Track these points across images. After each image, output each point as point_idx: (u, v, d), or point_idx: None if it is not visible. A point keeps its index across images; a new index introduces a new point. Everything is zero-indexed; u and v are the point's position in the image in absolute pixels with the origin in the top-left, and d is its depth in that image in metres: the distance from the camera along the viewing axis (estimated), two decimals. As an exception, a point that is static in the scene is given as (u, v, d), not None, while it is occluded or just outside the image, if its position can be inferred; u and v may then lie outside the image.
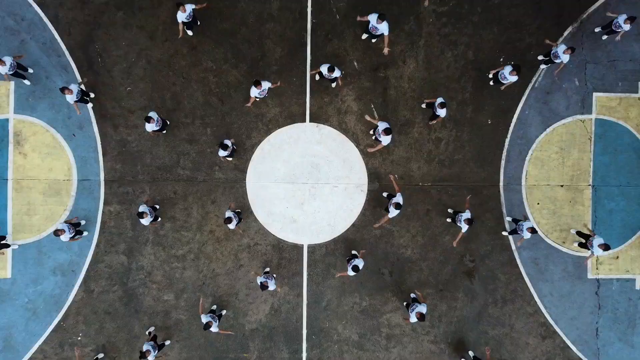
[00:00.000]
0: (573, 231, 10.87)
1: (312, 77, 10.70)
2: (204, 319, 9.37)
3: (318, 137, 10.78)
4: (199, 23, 10.56)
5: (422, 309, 9.42)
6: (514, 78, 9.66)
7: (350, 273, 9.38)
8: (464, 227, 9.62)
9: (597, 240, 9.73)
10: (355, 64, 10.78)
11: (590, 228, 10.85)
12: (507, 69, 9.61)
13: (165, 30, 10.61)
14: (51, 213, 10.59)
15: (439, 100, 9.76)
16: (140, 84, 10.62)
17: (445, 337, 10.89)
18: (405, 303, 10.56)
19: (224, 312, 10.63)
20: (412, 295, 10.52)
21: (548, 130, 10.96)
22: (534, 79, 10.94)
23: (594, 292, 11.00)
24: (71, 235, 9.63)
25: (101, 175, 10.62)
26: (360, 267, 9.32)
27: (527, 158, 10.94)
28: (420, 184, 10.88)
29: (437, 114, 9.93)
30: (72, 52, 10.55)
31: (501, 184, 10.91)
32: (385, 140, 9.33)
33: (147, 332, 10.49)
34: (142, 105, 10.65)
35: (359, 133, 10.83)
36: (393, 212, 9.36)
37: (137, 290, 10.66)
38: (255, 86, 9.29)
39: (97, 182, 10.61)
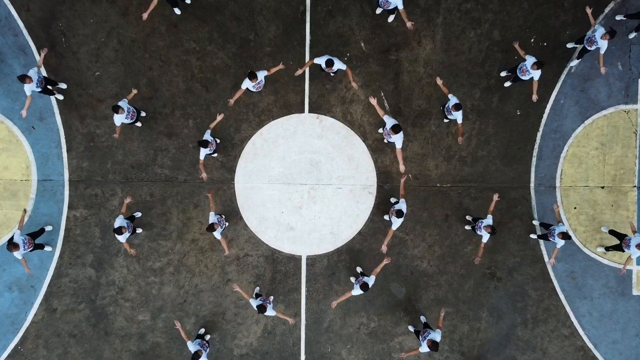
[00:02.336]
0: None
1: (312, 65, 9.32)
2: (192, 347, 8.09)
3: (319, 131, 9.69)
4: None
5: (437, 336, 8.09)
6: (537, 73, 8.18)
7: (357, 292, 8.00)
8: (485, 236, 8.36)
9: (636, 240, 8.34)
10: (362, 45, 9.58)
11: (637, 230, 9.46)
12: (530, 60, 8.12)
13: (140, 6, 9.42)
14: (7, 219, 9.46)
15: (453, 100, 8.19)
16: (111, 68, 9.51)
17: (467, 363, 9.62)
18: (413, 329, 9.32)
19: (208, 336, 9.28)
20: (422, 319, 9.37)
21: (586, 122, 9.81)
22: (570, 63, 9.64)
23: (639, 310, 9.80)
24: (28, 250, 8.44)
25: (65, 175, 9.55)
26: (371, 285, 7.99)
27: (562, 155, 9.80)
28: (438, 185, 9.70)
29: (449, 117, 8.58)
30: (31, 31, 9.43)
31: (532, 185, 9.76)
32: (398, 140, 8.11)
33: None
34: (113, 92, 9.52)
35: (366, 125, 9.61)
36: (396, 222, 8.18)
37: (107, 309, 9.58)
38: (250, 79, 8.02)
39: (60, 183, 9.55)
